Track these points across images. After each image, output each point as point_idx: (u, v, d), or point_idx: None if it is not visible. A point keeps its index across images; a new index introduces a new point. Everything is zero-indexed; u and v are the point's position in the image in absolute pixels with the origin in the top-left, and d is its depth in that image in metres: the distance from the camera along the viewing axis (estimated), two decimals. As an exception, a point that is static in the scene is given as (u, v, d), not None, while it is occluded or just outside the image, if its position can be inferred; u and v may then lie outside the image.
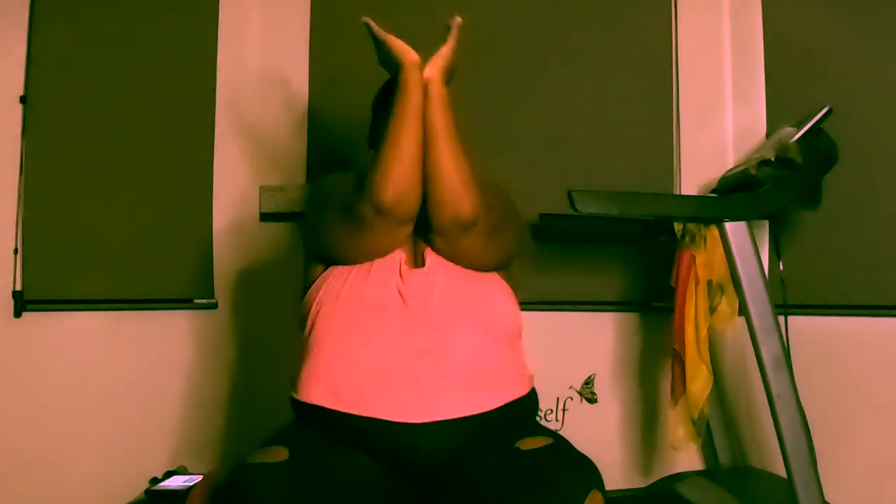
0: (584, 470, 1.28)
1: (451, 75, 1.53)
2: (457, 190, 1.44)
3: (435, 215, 1.46)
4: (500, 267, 1.58)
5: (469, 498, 1.30)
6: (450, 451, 1.37)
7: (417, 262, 1.51)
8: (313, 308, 1.51)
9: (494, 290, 1.54)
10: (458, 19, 1.53)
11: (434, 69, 1.49)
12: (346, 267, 1.51)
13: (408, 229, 1.49)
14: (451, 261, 1.50)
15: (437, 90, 1.48)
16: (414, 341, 1.41)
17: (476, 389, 1.42)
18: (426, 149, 1.45)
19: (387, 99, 1.55)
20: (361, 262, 1.50)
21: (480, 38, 2.35)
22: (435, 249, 1.51)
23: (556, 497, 1.22)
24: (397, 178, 1.41)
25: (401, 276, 1.47)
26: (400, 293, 1.45)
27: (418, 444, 1.37)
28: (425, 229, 1.50)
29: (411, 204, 1.44)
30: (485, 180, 1.57)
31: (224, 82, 2.32)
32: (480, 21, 2.38)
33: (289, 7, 2.37)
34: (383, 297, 1.45)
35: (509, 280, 1.59)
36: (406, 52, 1.49)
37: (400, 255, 1.50)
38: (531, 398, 1.53)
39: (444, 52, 1.51)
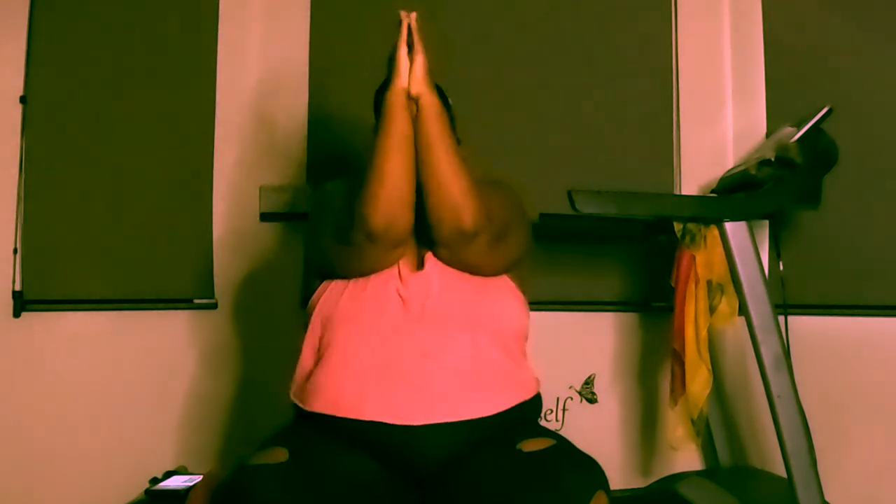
0: (589, 470, 1.28)
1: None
2: (456, 201, 1.42)
3: (436, 228, 1.45)
4: (508, 271, 1.57)
5: (471, 499, 1.30)
6: (450, 453, 1.37)
7: (418, 265, 1.51)
8: (314, 317, 1.51)
9: (497, 293, 1.53)
10: (413, 15, 1.47)
11: (419, 85, 1.44)
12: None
13: (403, 249, 1.48)
14: (459, 270, 1.49)
15: (428, 103, 1.45)
16: (414, 343, 1.41)
17: (478, 393, 1.41)
18: (423, 162, 1.43)
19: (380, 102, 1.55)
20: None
21: (480, 39, 2.37)
22: (441, 260, 1.50)
23: (561, 498, 1.22)
24: (385, 205, 1.40)
25: (400, 278, 1.47)
26: (400, 296, 1.45)
27: (418, 446, 1.37)
28: (427, 237, 1.49)
29: (401, 228, 1.43)
30: (491, 181, 1.57)
31: (224, 82, 2.32)
32: (479, 21, 2.39)
33: (289, 7, 2.37)
34: (383, 301, 1.45)
35: (519, 281, 1.58)
36: (400, 73, 1.44)
37: (393, 270, 1.49)
38: (535, 402, 1.52)
39: (421, 62, 1.45)
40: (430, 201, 1.43)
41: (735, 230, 1.79)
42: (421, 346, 1.41)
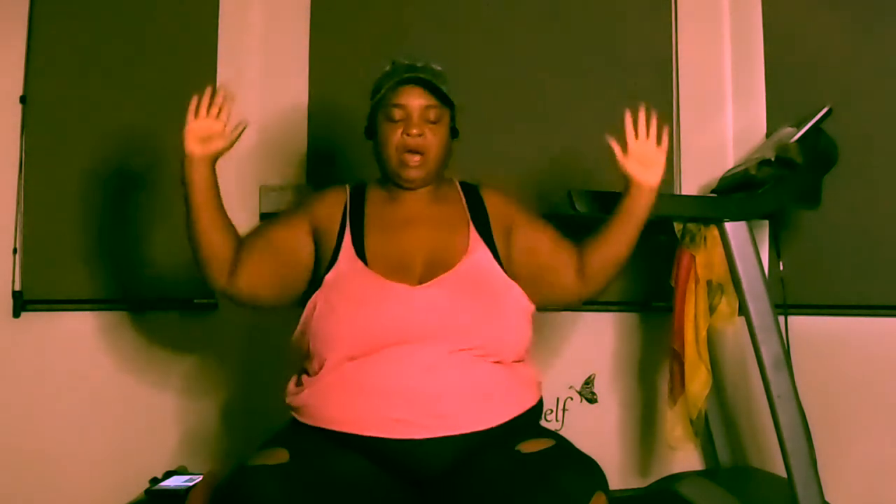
0: (588, 471, 1.28)
1: None
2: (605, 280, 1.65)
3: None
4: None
5: (470, 500, 1.29)
6: (452, 460, 1.36)
7: (422, 279, 1.48)
8: (307, 333, 1.49)
9: (504, 310, 1.50)
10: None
11: (657, 181, 1.60)
12: (337, 290, 1.48)
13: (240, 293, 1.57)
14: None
15: (651, 201, 1.60)
16: (414, 359, 1.39)
17: (480, 405, 1.40)
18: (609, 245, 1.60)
19: (378, 105, 1.56)
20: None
21: (479, 39, 2.37)
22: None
23: (560, 498, 1.22)
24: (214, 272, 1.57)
25: (401, 295, 1.45)
26: (401, 312, 1.43)
27: (419, 456, 1.36)
28: (439, 261, 1.49)
29: (223, 289, 1.57)
30: (490, 187, 1.64)
31: (224, 81, 2.31)
32: (479, 21, 2.39)
33: (289, 7, 2.37)
34: (382, 316, 1.43)
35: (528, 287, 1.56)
36: (190, 142, 1.55)
37: (392, 285, 1.45)
38: (536, 408, 1.51)
39: (663, 162, 1.61)
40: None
41: (735, 230, 1.79)
42: (421, 361, 1.39)
